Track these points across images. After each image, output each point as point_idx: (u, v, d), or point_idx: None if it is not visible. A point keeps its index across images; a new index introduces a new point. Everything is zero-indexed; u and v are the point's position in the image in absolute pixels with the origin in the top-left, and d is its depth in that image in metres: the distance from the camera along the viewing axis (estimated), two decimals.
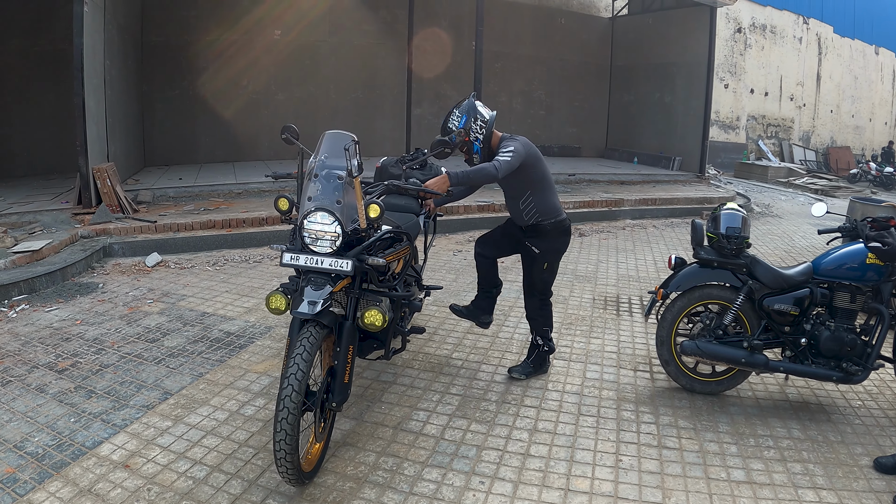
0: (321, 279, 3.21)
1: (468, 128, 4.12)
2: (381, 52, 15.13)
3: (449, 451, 3.52)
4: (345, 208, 3.26)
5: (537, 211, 4.24)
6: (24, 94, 11.61)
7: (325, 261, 3.19)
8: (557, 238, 4.33)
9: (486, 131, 4.14)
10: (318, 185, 3.30)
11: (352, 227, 3.29)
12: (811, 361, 4.07)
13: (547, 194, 4.27)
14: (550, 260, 4.35)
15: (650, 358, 4.92)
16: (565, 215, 4.36)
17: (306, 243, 3.24)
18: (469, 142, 4.13)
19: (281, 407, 2.90)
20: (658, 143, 16.87)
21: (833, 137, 26.10)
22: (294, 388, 2.90)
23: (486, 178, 3.97)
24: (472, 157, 4.19)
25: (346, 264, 3.18)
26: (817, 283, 4.11)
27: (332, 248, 3.22)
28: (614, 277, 7.29)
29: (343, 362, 3.26)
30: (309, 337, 3.04)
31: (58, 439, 3.56)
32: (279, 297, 3.23)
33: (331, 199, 3.26)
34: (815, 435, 3.85)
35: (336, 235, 3.21)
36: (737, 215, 4.20)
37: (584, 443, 3.66)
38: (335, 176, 3.31)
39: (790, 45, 23.71)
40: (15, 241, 7.05)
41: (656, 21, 16.85)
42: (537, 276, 4.37)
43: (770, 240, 10.02)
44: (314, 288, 3.17)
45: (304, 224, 3.23)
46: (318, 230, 3.22)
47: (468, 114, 4.13)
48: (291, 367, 2.95)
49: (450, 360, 4.76)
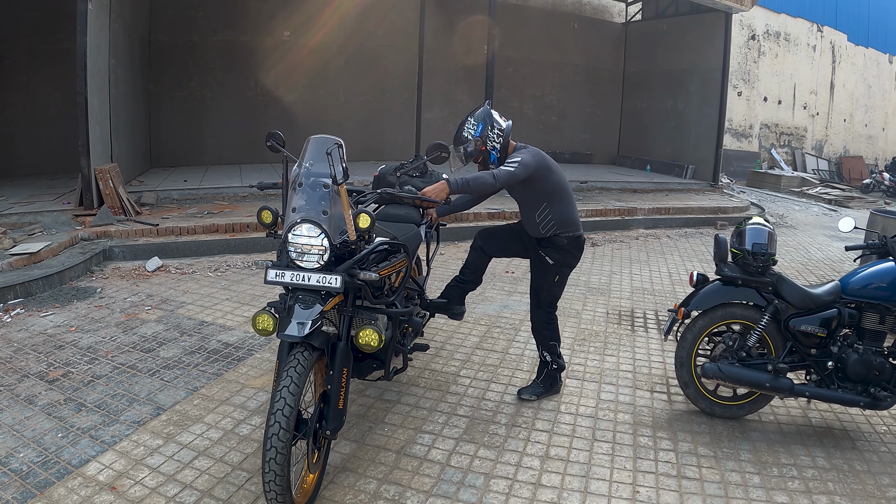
0: (310, 297, 2.99)
1: (485, 136, 3.93)
2: (392, 55, 14.96)
3: (455, 480, 3.30)
4: (332, 219, 3.02)
5: (556, 223, 4.02)
6: (31, 92, 11.50)
7: (312, 277, 2.97)
8: (571, 253, 4.13)
9: (502, 140, 3.96)
10: (302, 194, 3.06)
11: (340, 240, 3.05)
12: (837, 386, 3.87)
13: (565, 206, 4.06)
14: (563, 273, 4.16)
15: (667, 378, 4.69)
16: (582, 230, 4.16)
17: (292, 258, 3.01)
18: (486, 151, 3.94)
19: (268, 446, 2.67)
20: (671, 151, 16.64)
21: (846, 147, 25.79)
22: (282, 426, 2.67)
23: (484, 186, 3.77)
24: (489, 166, 3.98)
25: (334, 280, 2.95)
26: (845, 302, 3.90)
27: (320, 262, 2.99)
28: (628, 290, 7.06)
29: (337, 387, 3.02)
30: (296, 365, 2.81)
31: (43, 456, 3.39)
32: (266, 317, 2.99)
33: (317, 209, 3.02)
34: (840, 464, 3.64)
35: (323, 249, 2.98)
36: (763, 230, 3.98)
37: (598, 472, 3.44)
38: (321, 184, 3.06)
39: (804, 53, 23.45)
40: (13, 243, 6.89)
41: (670, 27, 16.63)
42: (547, 287, 4.17)
43: (786, 252, 9.77)
44: (303, 307, 2.94)
45: (289, 237, 3.00)
46: (304, 244, 2.98)
47: (484, 122, 3.94)
48: (278, 402, 2.71)
49: (457, 377, 4.55)
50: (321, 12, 13.69)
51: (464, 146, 3.94)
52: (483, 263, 4.35)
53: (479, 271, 4.36)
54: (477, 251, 4.33)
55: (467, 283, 4.35)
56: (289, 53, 13.69)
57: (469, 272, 4.34)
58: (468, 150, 3.93)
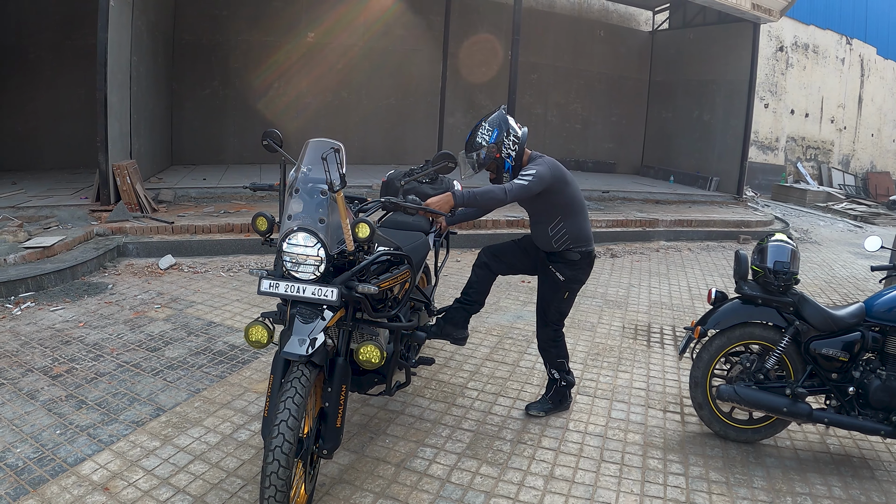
0: (310, 310, 2.87)
1: (500, 143, 3.74)
2: (416, 59, 14.91)
3: (454, 497, 3.19)
4: (329, 228, 2.89)
5: (569, 238, 3.87)
6: (55, 87, 11.59)
7: (308, 289, 2.84)
8: (582, 269, 3.98)
9: (518, 148, 3.79)
10: (299, 201, 2.93)
11: (338, 250, 2.93)
12: (858, 413, 3.71)
13: (579, 220, 3.91)
14: (572, 289, 4.02)
15: (681, 397, 4.54)
16: (594, 245, 4.01)
17: (287, 268, 2.89)
18: (500, 158, 3.76)
19: (270, 459, 2.55)
20: (695, 163, 16.41)
21: (873, 162, 25.29)
22: (286, 438, 2.56)
23: (492, 201, 3.61)
24: (503, 175, 3.82)
25: (330, 293, 2.82)
26: (869, 326, 3.74)
27: (316, 273, 2.87)
28: (646, 304, 6.91)
29: (335, 405, 2.89)
30: (300, 377, 2.69)
31: (40, 452, 3.36)
32: (260, 328, 2.89)
33: (313, 217, 2.89)
34: (857, 495, 3.48)
35: (319, 260, 2.85)
36: (786, 248, 3.83)
37: (604, 495, 3.31)
38: (318, 191, 2.93)
39: (832, 66, 23.04)
40: (29, 236, 6.91)
41: (697, 37, 16.42)
42: (555, 305, 4.02)
43: (809, 268, 9.55)
44: (303, 320, 2.83)
45: (284, 246, 2.88)
46: (300, 253, 2.86)
47: (500, 127, 3.76)
48: (282, 413, 2.59)
49: (464, 390, 4.44)
50: (345, 15, 13.69)
51: (477, 152, 3.75)
52: (488, 282, 4.10)
53: (483, 291, 4.10)
54: (482, 269, 4.07)
55: (472, 304, 4.06)
56: (312, 55, 13.69)
57: (473, 292, 4.06)
58: (482, 156, 3.75)
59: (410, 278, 3.44)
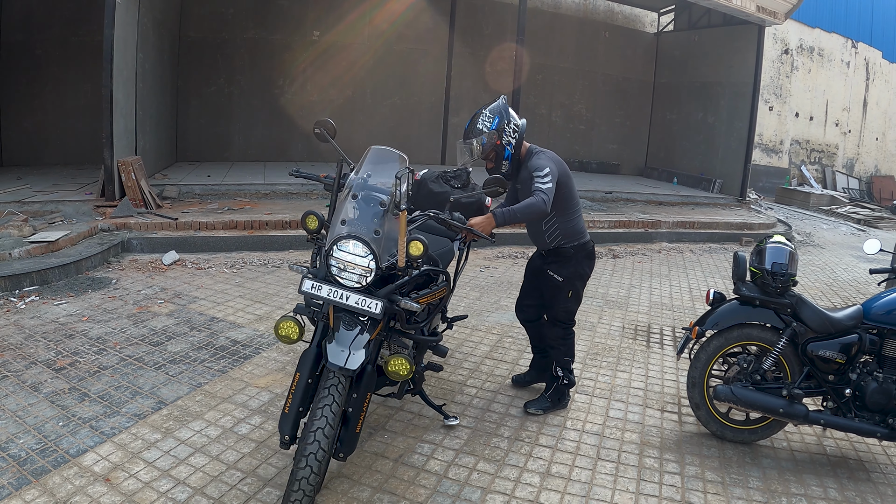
0: (352, 319, 2.86)
1: (501, 130, 3.75)
2: (421, 58, 14.94)
3: (451, 493, 3.23)
4: (383, 240, 2.88)
5: (561, 234, 3.93)
6: (61, 83, 11.65)
7: (352, 297, 2.83)
8: (581, 262, 4.01)
9: (518, 137, 3.81)
10: (356, 207, 2.93)
11: (387, 263, 2.91)
12: (855, 415, 3.73)
13: (572, 216, 3.95)
14: (576, 287, 4.04)
15: (679, 397, 4.57)
16: (589, 237, 4.05)
17: (332, 273, 2.88)
18: (500, 146, 3.77)
19: (304, 464, 2.56)
20: (699, 165, 16.41)
21: (877, 166, 25.23)
22: (321, 446, 2.58)
23: (536, 214, 3.61)
24: (502, 163, 3.81)
25: (375, 306, 2.81)
26: (867, 328, 3.76)
27: (362, 283, 2.85)
28: (647, 304, 6.93)
29: (358, 410, 2.86)
30: (338, 385, 2.71)
31: (43, 443, 3.40)
32: (291, 324, 2.88)
33: (368, 227, 2.88)
34: (852, 497, 3.50)
35: (369, 271, 2.85)
36: (784, 250, 3.85)
37: (600, 492, 3.33)
38: (377, 201, 2.92)
39: (837, 69, 23.00)
40: (34, 230, 6.95)
41: (702, 39, 16.41)
42: (561, 305, 4.05)
43: (811, 271, 9.56)
44: (346, 327, 2.82)
45: (334, 251, 2.87)
46: (349, 261, 2.85)
47: (501, 115, 3.77)
48: (319, 420, 2.60)
49: (464, 387, 4.47)
50: (351, 14, 13.72)
51: (477, 138, 3.74)
52: (540, 329, 4.31)
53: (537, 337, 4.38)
54: (526, 325, 4.40)
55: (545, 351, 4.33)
56: (317, 53, 13.73)
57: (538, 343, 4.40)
58: (482, 142, 3.73)
59: (446, 294, 3.43)
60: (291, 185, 10.33)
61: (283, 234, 7.98)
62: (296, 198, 10.00)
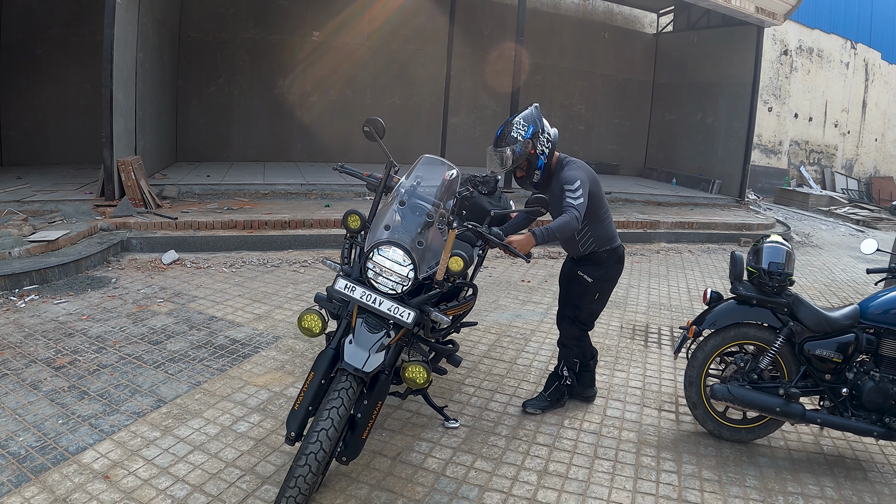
0: (377, 322, 2.85)
1: (535, 139, 3.72)
2: (420, 59, 14.95)
3: (449, 490, 3.24)
4: (425, 252, 2.87)
5: (594, 241, 3.95)
6: (61, 83, 11.65)
7: (385, 304, 2.83)
8: (612, 266, 4.03)
9: (550, 147, 3.79)
10: (401, 214, 2.92)
11: (426, 275, 2.91)
12: (851, 414, 3.74)
13: (603, 222, 3.96)
14: (603, 289, 4.05)
15: (677, 397, 4.58)
16: (619, 241, 4.07)
17: (368, 276, 2.87)
18: (534, 155, 3.74)
19: (303, 462, 2.56)
20: (698, 165, 16.43)
21: (876, 167, 25.23)
22: (323, 447, 2.58)
23: (570, 231, 3.59)
24: (534, 172, 3.79)
25: (407, 315, 2.81)
26: (864, 328, 3.77)
27: (397, 291, 2.85)
28: (645, 304, 6.95)
29: (367, 417, 2.85)
30: (349, 389, 2.71)
31: (42, 441, 3.42)
32: (315, 318, 2.86)
33: (411, 236, 2.88)
34: (849, 495, 3.51)
35: (407, 280, 2.84)
36: (780, 249, 3.87)
37: (597, 490, 3.35)
38: (424, 210, 2.92)
39: (836, 70, 23.01)
40: (34, 230, 6.97)
41: (701, 39, 16.43)
42: (586, 306, 4.04)
43: (809, 272, 9.57)
44: (369, 329, 2.80)
45: (373, 255, 2.85)
46: (388, 267, 2.84)
47: (535, 124, 3.74)
48: (324, 421, 2.60)
49: (462, 386, 4.48)
50: (351, 14, 13.74)
51: (511, 147, 3.69)
52: None
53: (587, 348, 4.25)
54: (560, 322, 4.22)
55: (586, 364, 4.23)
56: (317, 54, 13.75)
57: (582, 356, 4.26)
58: (516, 151, 3.69)
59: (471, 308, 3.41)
60: (291, 185, 10.35)
61: (283, 234, 8.00)
62: (295, 198, 10.02)
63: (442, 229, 2.92)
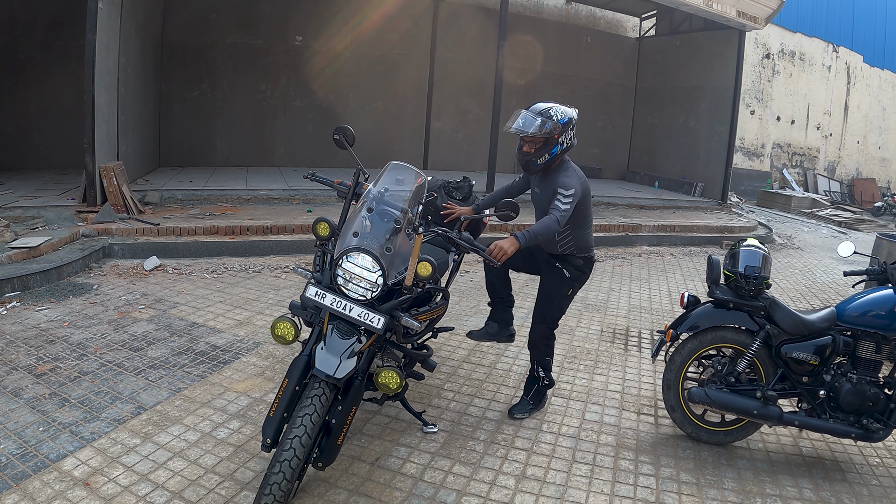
0: (348, 327, 2.87)
1: (565, 130, 3.81)
2: (403, 63, 14.96)
3: (426, 495, 3.26)
4: (394, 257, 2.90)
5: (574, 244, 3.99)
6: (45, 87, 11.54)
7: (355, 310, 2.85)
8: (584, 272, 4.10)
9: (568, 146, 3.87)
10: (369, 221, 2.95)
11: (394, 280, 2.94)
12: (829, 416, 3.79)
13: (586, 230, 4.02)
14: (575, 288, 4.10)
15: (656, 400, 4.62)
16: (594, 252, 4.14)
17: (338, 283, 2.90)
18: (556, 140, 3.79)
19: (277, 470, 2.58)
20: (680, 168, 16.56)
21: (859, 169, 25.54)
22: (296, 454, 2.59)
23: (551, 234, 3.68)
24: (544, 154, 3.81)
25: (377, 321, 2.83)
26: (840, 330, 3.82)
27: (366, 297, 2.87)
28: (626, 308, 7.00)
29: (342, 423, 2.87)
30: (321, 396, 2.72)
31: (23, 448, 3.41)
32: (287, 325, 2.89)
33: (380, 242, 2.91)
34: (827, 497, 3.56)
35: (376, 286, 2.86)
36: (757, 253, 3.92)
37: (574, 494, 3.38)
38: (391, 217, 2.94)
39: (819, 74, 23.27)
40: (15, 236, 6.92)
41: (683, 43, 16.57)
42: (557, 300, 4.08)
43: (790, 274, 9.68)
44: (340, 336, 2.83)
45: (342, 262, 2.88)
46: (357, 274, 2.87)
47: (570, 119, 3.85)
48: (297, 429, 2.61)
49: (441, 391, 4.50)
50: (334, 18, 13.74)
51: (543, 119, 3.75)
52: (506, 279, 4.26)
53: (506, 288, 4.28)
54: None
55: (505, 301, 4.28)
56: (300, 58, 13.74)
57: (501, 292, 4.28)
58: (546, 126, 3.74)
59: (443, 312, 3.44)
60: (273, 191, 10.33)
61: (264, 240, 7.99)
62: (277, 203, 10.01)
63: (410, 235, 2.93)
